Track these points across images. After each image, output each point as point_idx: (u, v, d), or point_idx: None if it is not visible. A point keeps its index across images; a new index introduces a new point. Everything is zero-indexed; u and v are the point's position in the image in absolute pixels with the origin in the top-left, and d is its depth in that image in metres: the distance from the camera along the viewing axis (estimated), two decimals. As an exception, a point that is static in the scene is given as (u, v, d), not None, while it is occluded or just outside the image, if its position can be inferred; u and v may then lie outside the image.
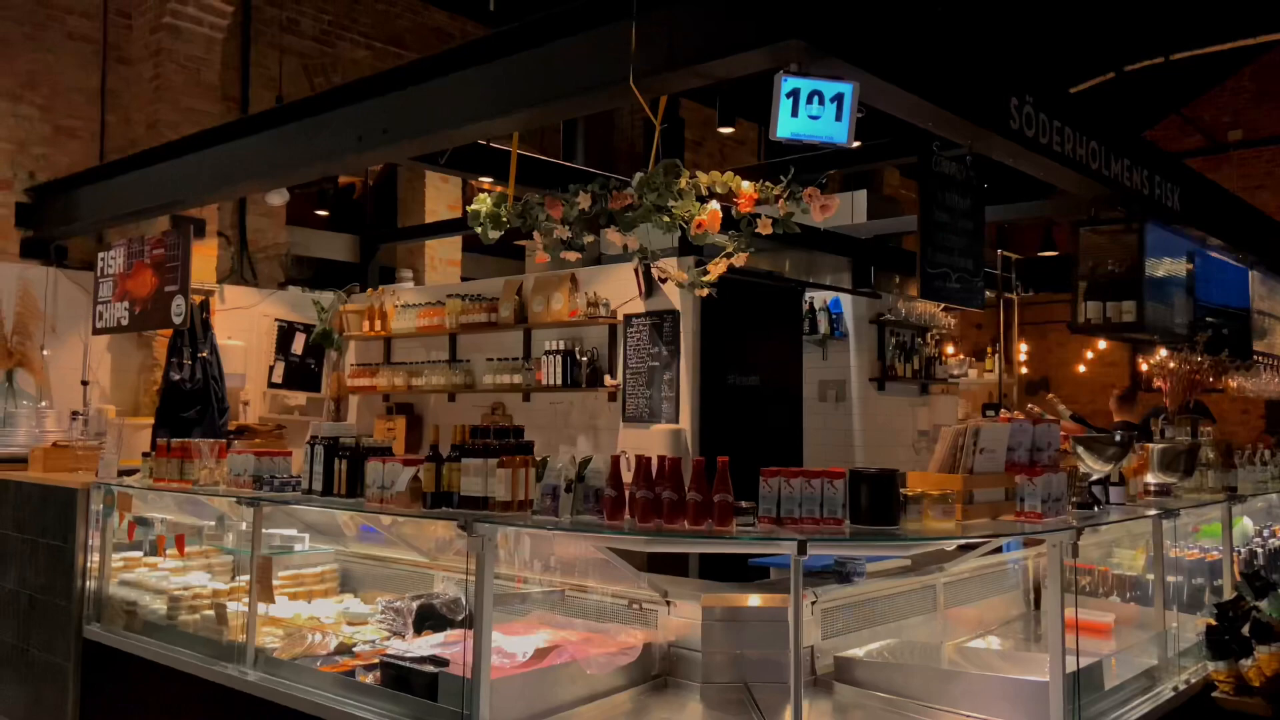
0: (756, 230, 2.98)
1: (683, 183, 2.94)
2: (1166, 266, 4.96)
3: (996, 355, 8.35)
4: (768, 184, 2.95)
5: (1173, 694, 3.52)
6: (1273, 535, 5.50)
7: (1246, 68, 13.36)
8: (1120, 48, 10.27)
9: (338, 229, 8.40)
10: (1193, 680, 3.68)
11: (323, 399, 7.34)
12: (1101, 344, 13.59)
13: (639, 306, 5.66)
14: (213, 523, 4.68)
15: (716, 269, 3.15)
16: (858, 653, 3.49)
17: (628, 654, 3.34)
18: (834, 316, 6.82)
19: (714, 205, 2.93)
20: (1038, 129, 4.00)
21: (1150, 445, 4.18)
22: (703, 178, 3.03)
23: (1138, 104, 12.23)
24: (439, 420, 6.67)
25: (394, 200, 8.70)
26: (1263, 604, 4.19)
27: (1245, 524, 5.46)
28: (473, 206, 3.58)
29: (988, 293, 8.63)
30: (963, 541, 3.07)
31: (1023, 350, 13.74)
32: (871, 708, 3.26)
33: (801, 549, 2.64)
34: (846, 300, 6.91)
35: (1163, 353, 8.17)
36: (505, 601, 3.93)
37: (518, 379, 6.07)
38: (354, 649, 3.73)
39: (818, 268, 7.14)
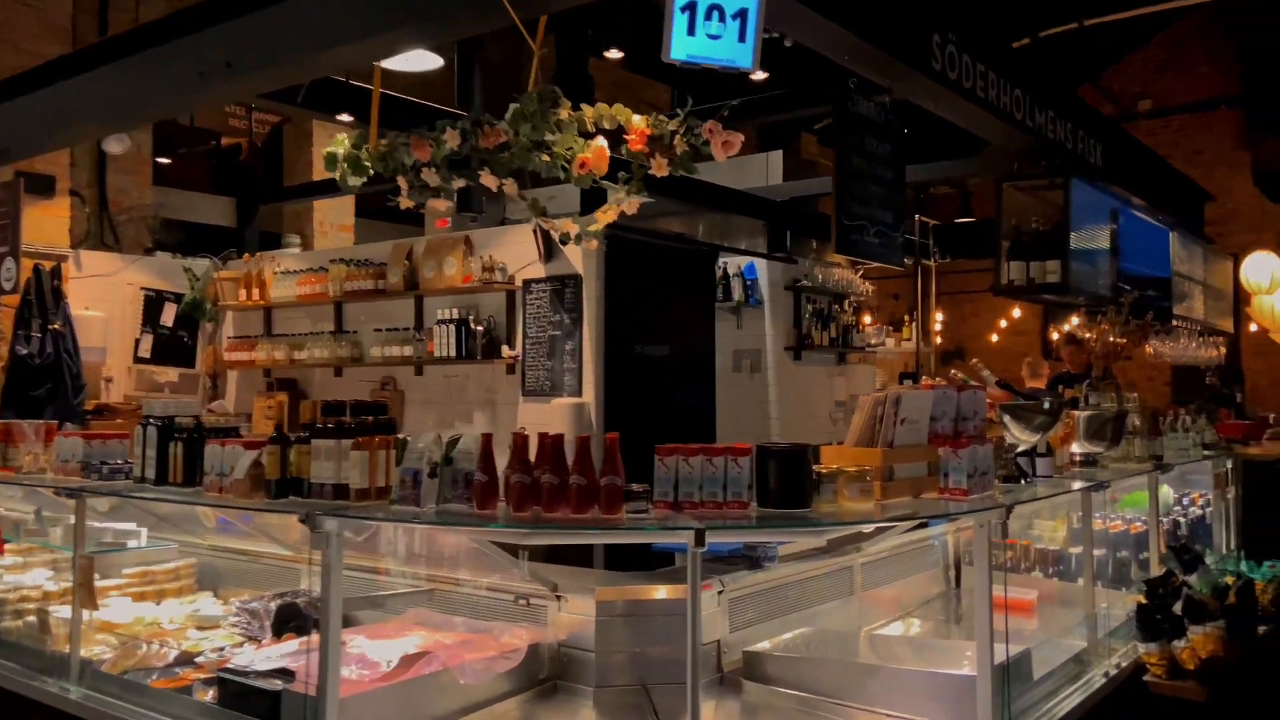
0: (650, 171, 2.58)
1: (563, 113, 2.52)
2: (1091, 226, 4.74)
3: (914, 324, 8.14)
4: (661, 118, 2.55)
5: (1104, 680, 3.28)
6: (1193, 504, 5.38)
7: (1155, 37, 13.45)
8: (1036, 13, 10.13)
9: (217, 191, 7.72)
10: (1123, 664, 3.45)
11: (197, 375, 6.72)
12: (1016, 312, 13.62)
13: (539, 271, 5.22)
14: (47, 514, 4.12)
15: (605, 216, 2.75)
16: (768, 646, 3.15)
17: (510, 657, 2.93)
18: (749, 283, 6.49)
19: (600, 141, 2.51)
20: (961, 71, 3.68)
21: (1077, 413, 3.93)
22: (588, 111, 2.61)
23: (1053, 72, 12.20)
24: (327, 397, 6.13)
25: (281, 161, 8.04)
26: (1192, 579, 4.00)
27: (1166, 492, 5.32)
28: (328, 149, 3.09)
29: (906, 259, 8.47)
30: (882, 524, 2.73)
31: (939, 319, 13.71)
32: (782, 708, 2.93)
33: (699, 539, 2.27)
34: (762, 266, 6.59)
35: (1075, 321, 8.07)
36: (378, 601, 3.50)
37: (409, 351, 5.57)
38: (198, 658, 3.24)
39: (732, 232, 6.79)
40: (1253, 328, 10.56)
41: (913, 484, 2.85)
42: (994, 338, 14.38)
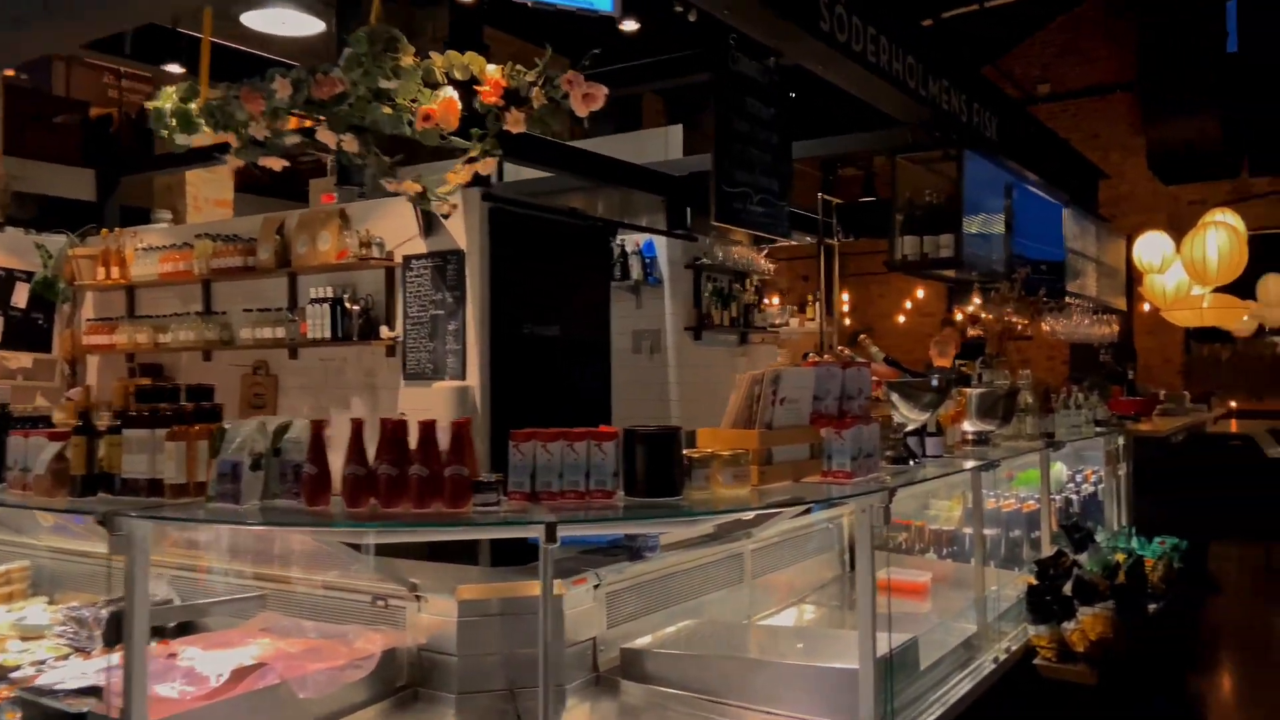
0: (506, 127, 2.33)
1: (405, 60, 2.24)
2: (985, 201, 4.65)
3: (818, 304, 8.05)
4: (519, 68, 2.29)
5: (994, 666, 3.19)
6: (1086, 480, 5.39)
7: (1054, 21, 13.68)
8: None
9: (79, 163, 7.14)
10: (1014, 648, 3.36)
11: (54, 360, 6.20)
12: (920, 293, 13.76)
13: (420, 246, 4.90)
14: None
15: (457, 177, 2.48)
16: (648, 642, 2.95)
17: (360, 665, 2.67)
18: (647, 261, 6.27)
19: (448, 92, 2.24)
20: (851, 34, 3.52)
21: (969, 390, 3.84)
22: (436, 59, 2.34)
23: (955, 51, 12.29)
24: (195, 383, 5.70)
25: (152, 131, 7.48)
26: (1083, 557, 3.95)
27: (1059, 469, 5.31)
28: (154, 103, 2.74)
29: (808, 238, 8.37)
30: (759, 511, 2.55)
31: (845, 300, 13.76)
32: (660, 708, 2.73)
33: (550, 534, 2.04)
34: (661, 244, 6.38)
35: (978, 300, 8.10)
36: (224, 605, 3.18)
37: (281, 332, 5.20)
38: (14, 673, 2.89)
39: (630, 208, 6.56)
40: (1145, 307, 10.82)
41: (794, 467, 2.68)
42: (900, 318, 14.50)
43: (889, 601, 2.66)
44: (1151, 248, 9.05)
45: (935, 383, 3.21)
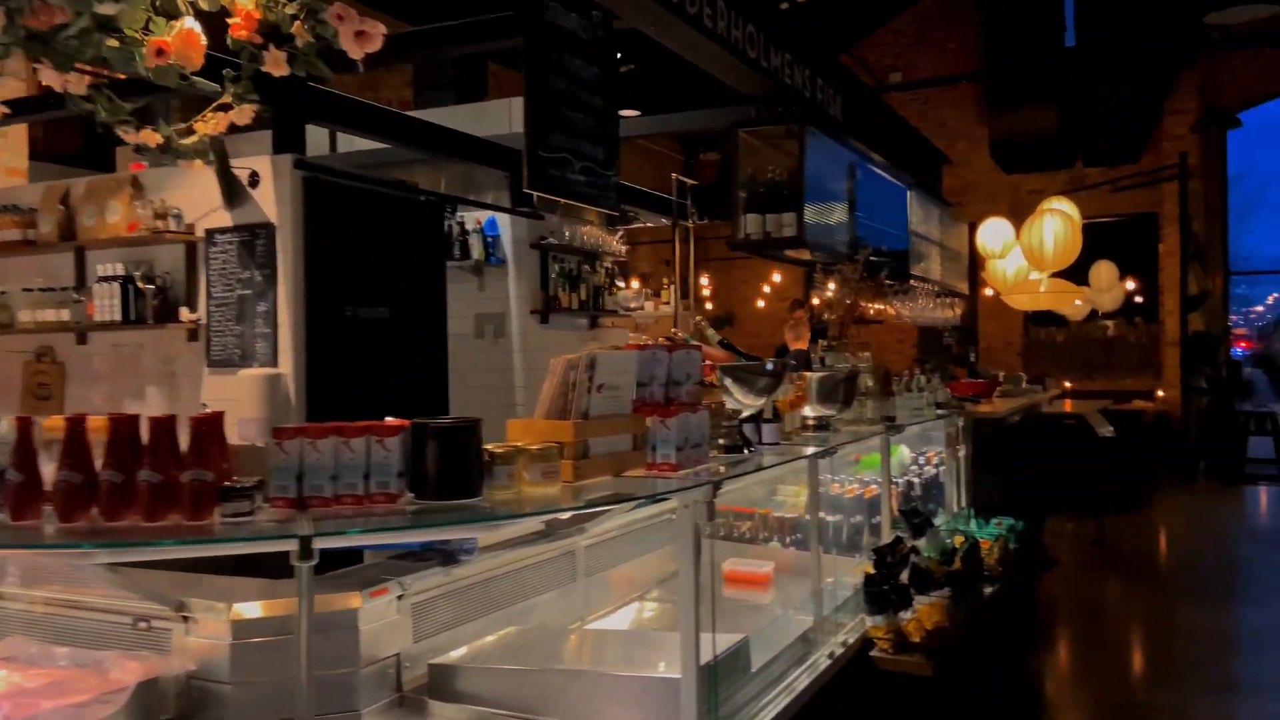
0: (264, 68, 1.97)
1: (132, -18, 1.86)
2: (828, 180, 4.55)
3: (673, 287, 7.89)
4: None
5: (829, 661, 3.05)
6: (927, 462, 5.40)
7: (907, 11, 13.99)
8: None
9: None
10: (851, 640, 3.25)
11: None
12: (777, 276, 13.87)
13: (224, 219, 4.43)
14: None
15: (205, 127, 2.11)
16: (461, 655, 2.67)
17: (109, 700, 2.27)
18: (489, 240, 5.94)
19: (187, 23, 1.88)
20: (686, -5, 3.29)
21: (809, 375, 3.71)
22: (178, -14, 1.96)
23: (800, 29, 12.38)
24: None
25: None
26: (922, 543, 3.89)
27: (903, 452, 5.31)
28: None
29: (664, 220, 8.19)
30: (573, 511, 2.29)
31: (705, 284, 13.73)
32: (470, 731, 2.46)
33: (304, 549, 1.73)
34: (504, 221, 6.05)
35: (832, 286, 8.13)
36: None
37: (66, 314, 4.62)
38: None
39: (471, 183, 6.20)
40: (988, 291, 11.20)
41: (613, 460, 2.44)
42: (760, 303, 14.61)
43: (713, 603, 2.46)
44: (993, 234, 9.31)
45: (770, 367, 3.04)
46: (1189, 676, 4.88)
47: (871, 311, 7.31)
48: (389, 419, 2.06)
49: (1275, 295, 41.54)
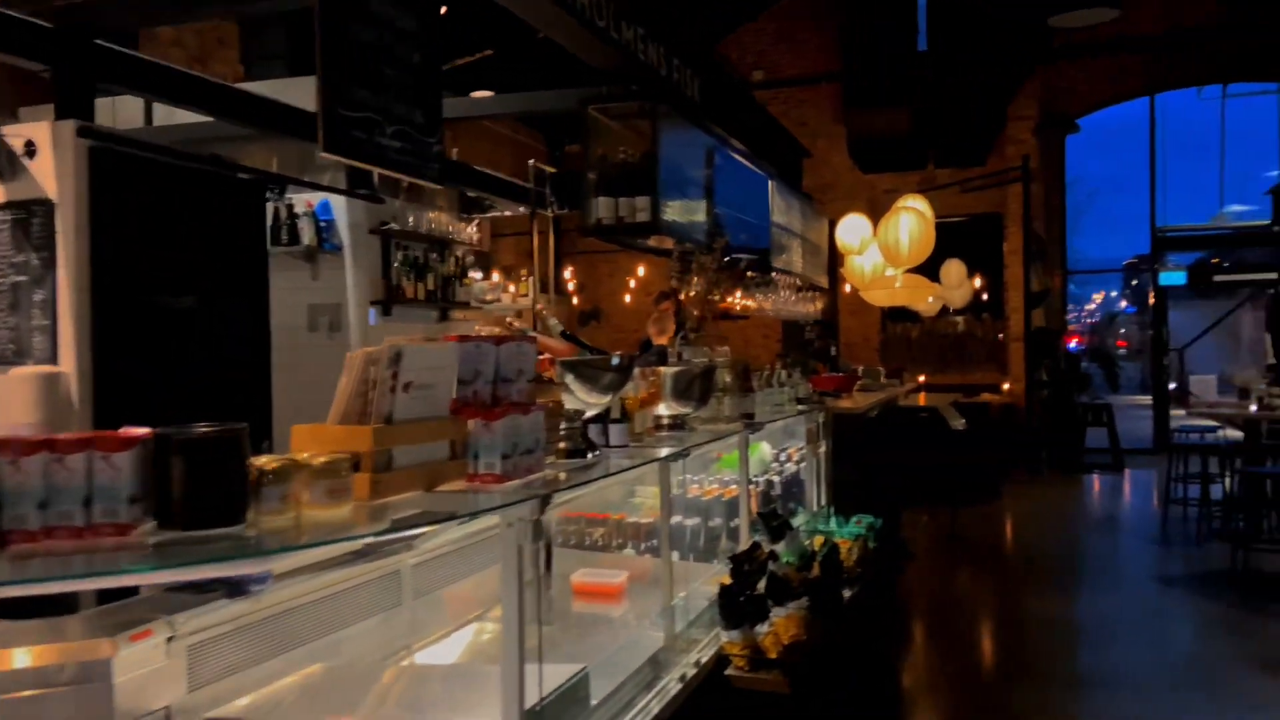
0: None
1: None
2: (685, 164, 4.30)
3: (532, 278, 7.52)
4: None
5: (680, 685, 2.78)
6: (789, 459, 5.25)
7: (768, 9, 14.03)
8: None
9: None
10: (705, 659, 2.99)
11: None
12: (641, 270, 13.66)
13: (-8, 193, 3.80)
14: None
15: None
16: (246, 705, 2.25)
17: None
18: (323, 224, 5.43)
19: None
20: (523, -52, 2.95)
21: (663, 370, 3.44)
22: None
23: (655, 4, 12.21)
24: None
25: None
26: (780, 547, 3.68)
27: (764, 450, 5.13)
28: None
29: (521, 208, 7.82)
30: (367, 540, 1.91)
31: (569, 277, 13.40)
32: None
33: (-24, 604, 1.31)
34: (340, 205, 5.55)
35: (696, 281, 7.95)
36: None
37: None
38: None
39: (310, 163, 5.66)
40: (847, 287, 11.32)
41: (425, 472, 2.08)
42: (627, 298, 14.38)
43: (540, 635, 2.14)
44: (851, 230, 9.35)
45: (615, 361, 2.74)
46: (1044, 670, 4.90)
47: (736, 305, 7.16)
48: (126, 429, 1.64)
49: (1102, 294, 44.60)
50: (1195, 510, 8.40)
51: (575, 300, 14.17)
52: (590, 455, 2.74)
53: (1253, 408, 7.79)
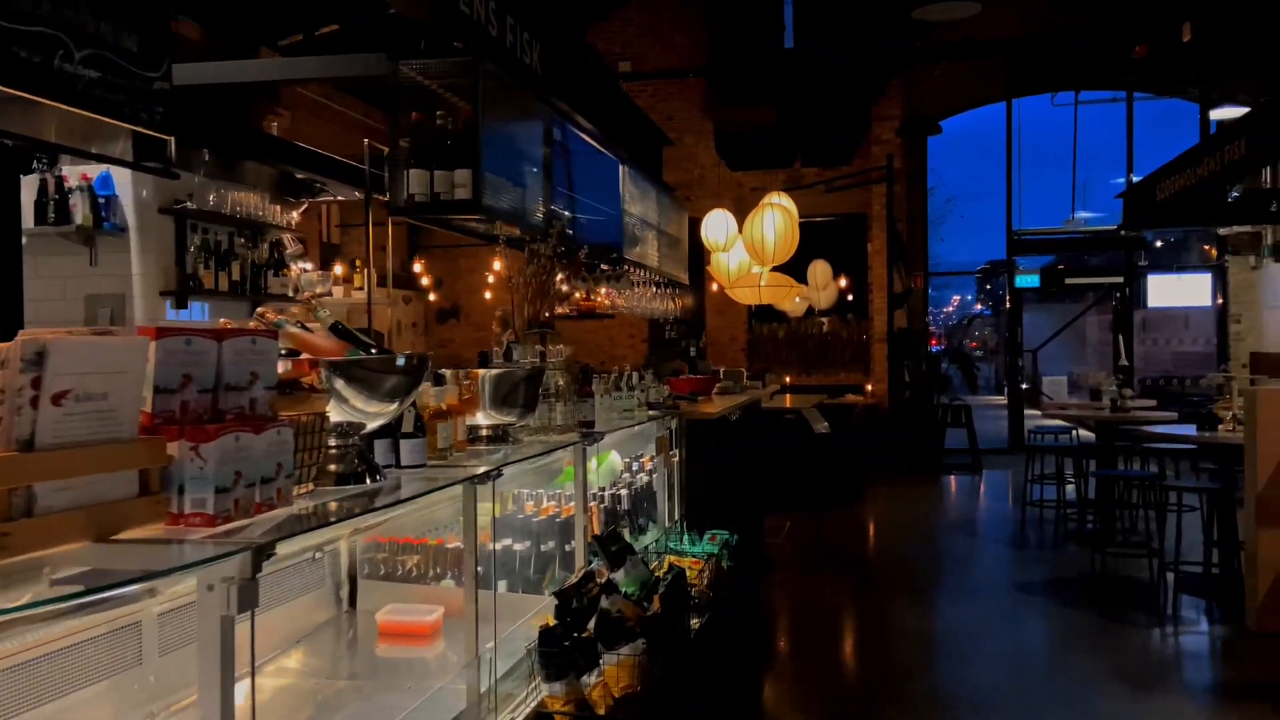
0: None
1: None
2: (519, 138, 3.78)
3: (365, 270, 6.85)
4: None
5: (483, 761, 2.28)
6: (641, 469, 4.80)
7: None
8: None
9: None
10: (523, 717, 2.51)
11: None
12: (497, 264, 13.02)
13: None
14: None
15: None
16: None
17: None
18: (102, 201, 4.64)
19: None
20: None
21: (480, 373, 2.92)
22: None
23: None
24: None
25: None
26: (619, 575, 3.21)
27: (614, 460, 4.67)
28: None
29: (355, 193, 7.12)
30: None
31: (419, 272, 12.66)
32: None
33: None
34: (125, 179, 4.77)
35: (560, 278, 7.43)
36: None
37: None
38: None
39: (93, 129, 4.84)
40: (714, 286, 11.03)
41: (97, 515, 1.50)
42: (487, 294, 13.71)
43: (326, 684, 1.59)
44: (716, 226, 9.04)
45: (401, 361, 2.20)
46: (909, 691, 4.61)
47: (580, 298, 6.69)
48: None
49: (959, 298, 46.52)
50: (1052, 512, 8.45)
51: (432, 296, 13.42)
52: (371, 480, 2.20)
53: (1105, 409, 7.86)
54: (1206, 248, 13.55)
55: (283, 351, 2.04)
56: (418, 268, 12.01)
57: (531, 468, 3.62)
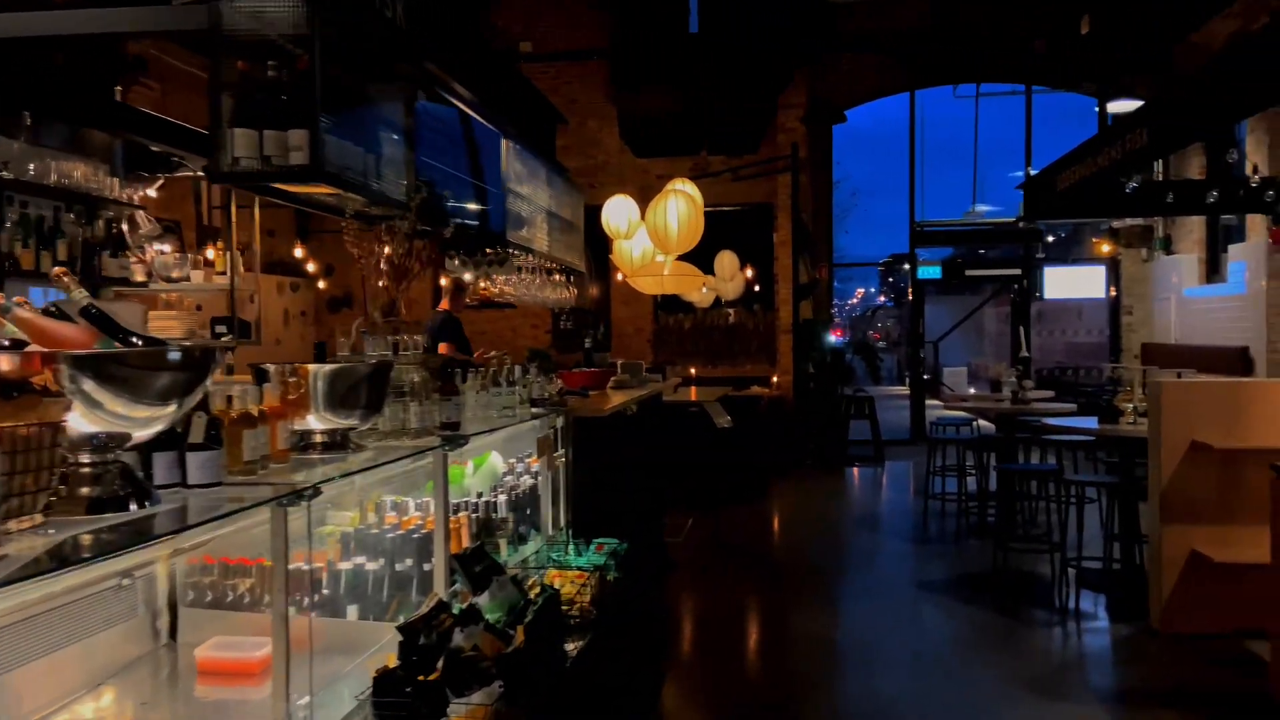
0: None
1: None
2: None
3: (227, 253, 6.24)
4: None
5: None
6: (527, 470, 4.39)
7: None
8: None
9: None
10: (345, 787, 2.09)
11: None
12: (387, 249, 12.37)
13: None
14: None
15: None
16: None
17: None
18: (-110, 166, 3.98)
19: None
20: None
21: (310, 368, 2.47)
22: None
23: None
24: None
25: None
26: (484, 599, 2.81)
27: (494, 463, 4.25)
28: None
29: (187, 172, 6.44)
30: None
31: (301, 256, 11.95)
32: None
33: None
34: (-79, 141, 4.11)
35: (471, 274, 6.91)
36: None
37: None
38: None
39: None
40: (620, 275, 10.67)
41: None
42: (381, 282, 13.02)
43: None
44: (618, 212, 8.68)
45: (176, 354, 1.75)
46: (813, 706, 4.33)
47: (488, 291, 6.23)
48: None
49: (862, 291, 47.39)
50: (954, 505, 8.37)
51: (321, 284, 12.70)
52: (138, 505, 1.74)
53: (1007, 401, 7.78)
54: (1096, 240, 13.81)
55: (4, 344, 1.57)
56: (299, 253, 11.29)
57: (406, 470, 3.18)
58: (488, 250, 5.05)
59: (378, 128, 3.26)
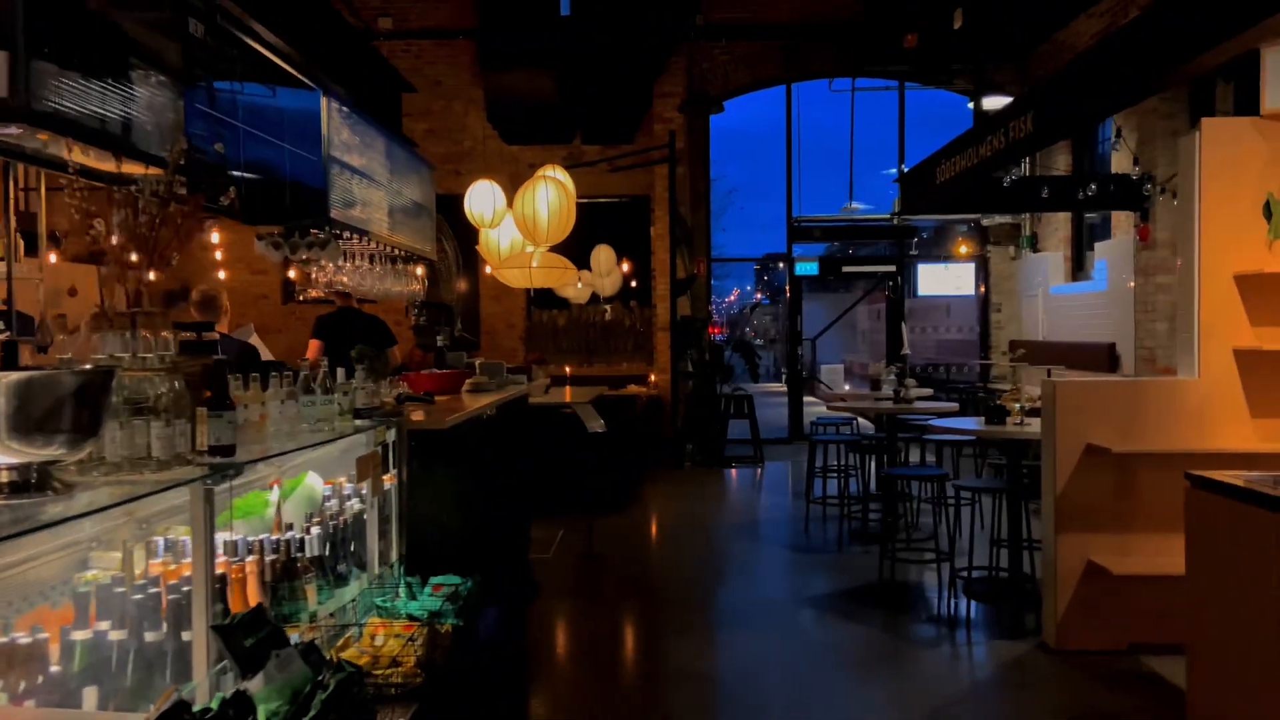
0: None
1: None
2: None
3: (6, 237, 5.24)
4: None
5: None
6: (356, 494, 3.69)
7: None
8: None
9: None
10: None
11: None
12: (215, 236, 11.25)
13: None
14: None
15: None
16: None
17: None
18: None
19: None
20: None
21: (-22, 378, 1.73)
22: None
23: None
24: None
25: None
26: (255, 684, 2.11)
27: (311, 487, 3.52)
28: None
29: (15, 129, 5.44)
30: None
31: (115, 241, 10.69)
32: None
33: None
34: None
35: (348, 271, 6.05)
36: None
37: None
38: None
39: None
40: (488, 268, 9.93)
41: None
42: (221, 274, 11.86)
43: None
44: (482, 198, 7.94)
45: None
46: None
47: (316, 279, 5.42)
48: None
49: (738, 290, 47.75)
50: (836, 509, 8.03)
51: (152, 275, 11.42)
52: None
53: (889, 400, 7.47)
54: (960, 240, 13.89)
55: None
56: (115, 237, 10.00)
57: (181, 504, 2.45)
58: (315, 232, 4.30)
59: (127, 59, 2.51)
